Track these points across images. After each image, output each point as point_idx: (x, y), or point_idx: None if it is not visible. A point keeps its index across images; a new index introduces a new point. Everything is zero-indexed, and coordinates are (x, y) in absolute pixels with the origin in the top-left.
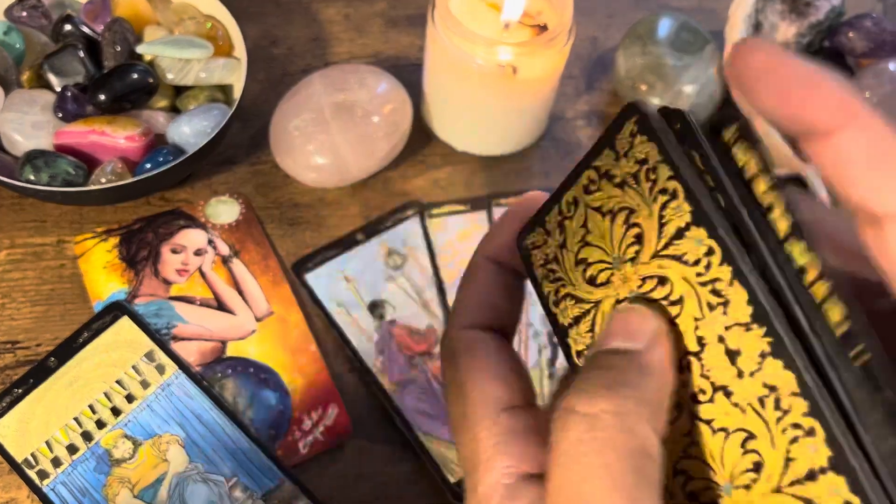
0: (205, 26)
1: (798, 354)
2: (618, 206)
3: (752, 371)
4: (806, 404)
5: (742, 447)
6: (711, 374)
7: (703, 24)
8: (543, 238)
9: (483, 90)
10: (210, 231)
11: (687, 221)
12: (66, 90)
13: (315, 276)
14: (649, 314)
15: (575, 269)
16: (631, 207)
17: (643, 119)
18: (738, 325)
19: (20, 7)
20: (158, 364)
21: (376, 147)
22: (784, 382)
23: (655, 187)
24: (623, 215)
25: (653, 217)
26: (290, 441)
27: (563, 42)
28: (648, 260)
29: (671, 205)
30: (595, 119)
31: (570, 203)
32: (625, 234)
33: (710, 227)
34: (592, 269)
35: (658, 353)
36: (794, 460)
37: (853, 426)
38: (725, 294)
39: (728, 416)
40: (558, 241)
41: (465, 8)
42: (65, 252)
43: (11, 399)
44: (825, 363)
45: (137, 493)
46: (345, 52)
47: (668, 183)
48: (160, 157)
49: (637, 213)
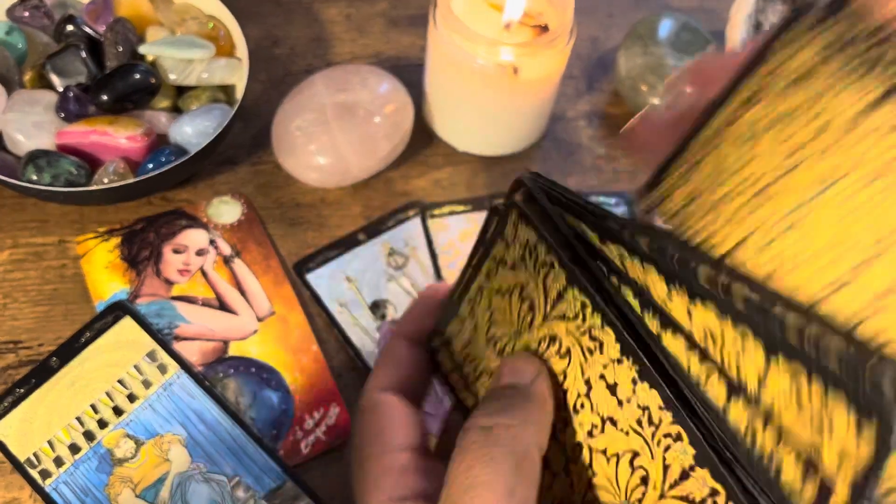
0: (206, 27)
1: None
2: (512, 284)
3: (629, 397)
4: (670, 414)
5: (630, 466)
6: (599, 408)
7: (704, 25)
8: (458, 326)
9: (484, 90)
10: (212, 231)
11: (563, 285)
12: (68, 90)
13: (317, 276)
14: (531, 358)
15: (486, 346)
16: (522, 284)
17: (521, 212)
18: (612, 360)
19: (22, 7)
20: (160, 364)
21: (378, 147)
22: (652, 400)
23: (538, 262)
24: (517, 291)
25: (539, 287)
26: (292, 441)
27: (564, 42)
28: (540, 324)
29: (551, 274)
30: (596, 119)
31: (476, 290)
32: (521, 307)
33: (580, 284)
34: (500, 343)
35: (540, 386)
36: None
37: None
38: (599, 337)
39: (617, 442)
40: (471, 326)
41: (466, 8)
42: (67, 252)
43: (14, 399)
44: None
45: (139, 492)
46: (346, 53)
47: (546, 257)
48: (162, 157)
49: (527, 287)
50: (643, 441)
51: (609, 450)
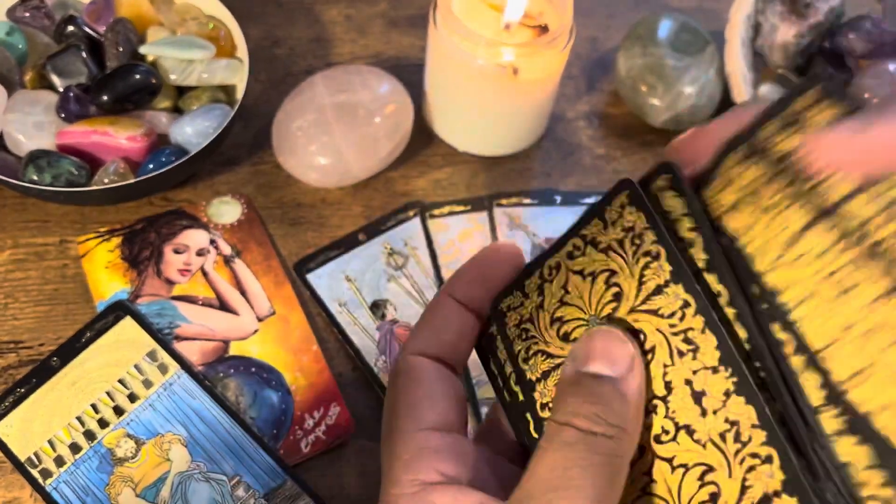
0: (207, 27)
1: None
2: (600, 268)
3: (716, 409)
4: (764, 434)
5: (700, 480)
6: (676, 415)
7: (704, 25)
8: (520, 300)
9: (484, 91)
10: (212, 231)
11: (666, 279)
12: (68, 90)
13: (317, 276)
14: (626, 339)
15: (550, 327)
16: (613, 269)
17: (634, 193)
18: (705, 367)
19: (23, 7)
20: (161, 363)
21: (378, 147)
22: (746, 416)
23: (639, 251)
24: (604, 276)
25: (633, 277)
26: (292, 440)
27: (564, 43)
28: (625, 315)
29: (652, 265)
30: (595, 119)
31: (552, 268)
32: (604, 294)
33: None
34: (567, 325)
35: (635, 382)
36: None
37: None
38: (696, 341)
39: (689, 453)
40: (536, 302)
41: (466, 9)
42: (67, 252)
43: (14, 398)
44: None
45: (140, 492)
46: (346, 53)
47: (651, 247)
48: (163, 157)
49: (618, 274)
50: (722, 457)
51: (677, 459)
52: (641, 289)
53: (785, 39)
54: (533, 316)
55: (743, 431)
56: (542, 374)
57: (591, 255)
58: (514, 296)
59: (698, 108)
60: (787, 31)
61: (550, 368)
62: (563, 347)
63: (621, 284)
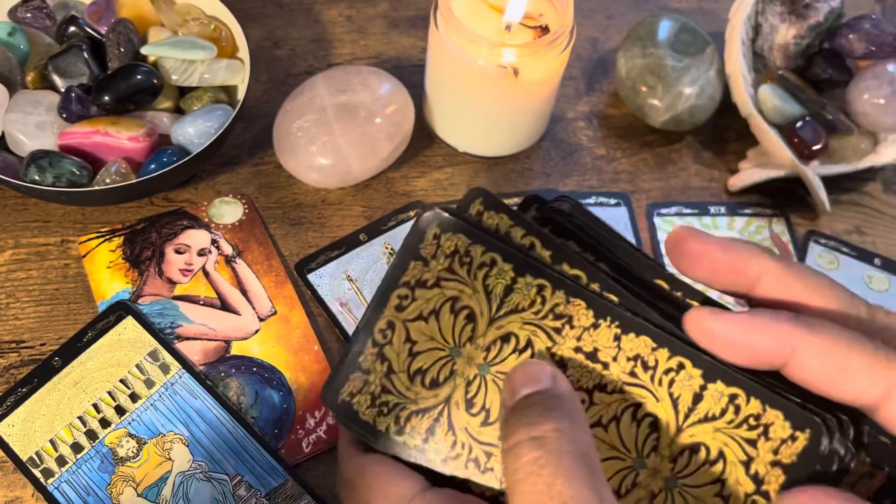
0: (208, 28)
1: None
2: (440, 302)
3: (615, 356)
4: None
5: (634, 419)
6: (582, 381)
7: (703, 26)
8: (362, 380)
9: (485, 91)
10: (213, 231)
11: (511, 277)
12: (70, 91)
13: (318, 276)
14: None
15: (412, 384)
16: (453, 296)
17: (444, 221)
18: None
19: (24, 8)
20: (162, 363)
21: (379, 148)
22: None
23: (473, 266)
24: (447, 306)
25: (479, 292)
26: (294, 440)
27: (565, 44)
28: (486, 330)
29: (492, 273)
30: (595, 120)
31: (383, 330)
32: (455, 322)
33: (535, 269)
34: (431, 371)
35: (563, 384)
36: (680, 396)
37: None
38: (565, 312)
39: (612, 405)
40: (382, 371)
41: (467, 10)
42: (69, 252)
43: (16, 398)
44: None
45: (141, 491)
46: (347, 54)
47: (483, 258)
48: (164, 157)
49: (461, 298)
50: (642, 389)
51: (605, 417)
52: (492, 297)
53: (785, 40)
54: (387, 385)
55: (648, 359)
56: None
57: (423, 297)
58: (352, 380)
59: (698, 108)
60: (787, 32)
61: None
62: (437, 394)
63: (469, 305)
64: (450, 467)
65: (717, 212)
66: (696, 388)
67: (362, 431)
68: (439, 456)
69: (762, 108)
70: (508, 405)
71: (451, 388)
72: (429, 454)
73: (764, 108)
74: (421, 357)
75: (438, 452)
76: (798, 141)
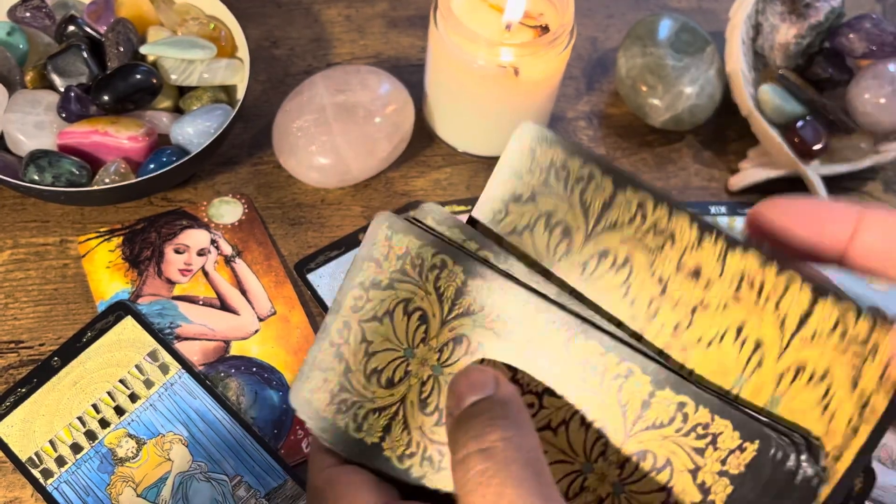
0: (208, 27)
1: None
2: (393, 303)
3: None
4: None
5: (582, 425)
6: (532, 385)
7: (703, 26)
8: (321, 378)
9: (485, 91)
10: (213, 231)
11: (462, 280)
12: (69, 90)
13: (317, 276)
14: (482, 367)
15: (369, 383)
16: (406, 298)
17: (395, 223)
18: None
19: (24, 7)
20: (162, 363)
21: (378, 148)
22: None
23: (424, 268)
24: (401, 308)
25: (431, 293)
26: (293, 440)
27: (565, 43)
28: (438, 332)
29: (443, 275)
30: (595, 119)
31: (340, 330)
32: (409, 323)
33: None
34: (387, 371)
35: (506, 389)
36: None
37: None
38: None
39: (560, 410)
40: (340, 370)
41: (467, 9)
42: (68, 252)
43: (15, 398)
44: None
45: (141, 491)
46: (346, 53)
47: (434, 259)
48: (163, 157)
49: (413, 300)
50: (590, 394)
51: (553, 421)
52: (443, 300)
53: (785, 39)
54: (344, 384)
55: (597, 364)
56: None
57: (377, 298)
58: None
59: (698, 108)
60: (788, 32)
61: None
62: (393, 393)
63: (422, 307)
64: (405, 464)
65: (717, 212)
66: (644, 396)
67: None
68: (395, 453)
69: (762, 107)
70: (455, 414)
71: (406, 387)
72: (386, 451)
73: (764, 107)
74: (377, 357)
75: (394, 450)
76: (798, 140)
